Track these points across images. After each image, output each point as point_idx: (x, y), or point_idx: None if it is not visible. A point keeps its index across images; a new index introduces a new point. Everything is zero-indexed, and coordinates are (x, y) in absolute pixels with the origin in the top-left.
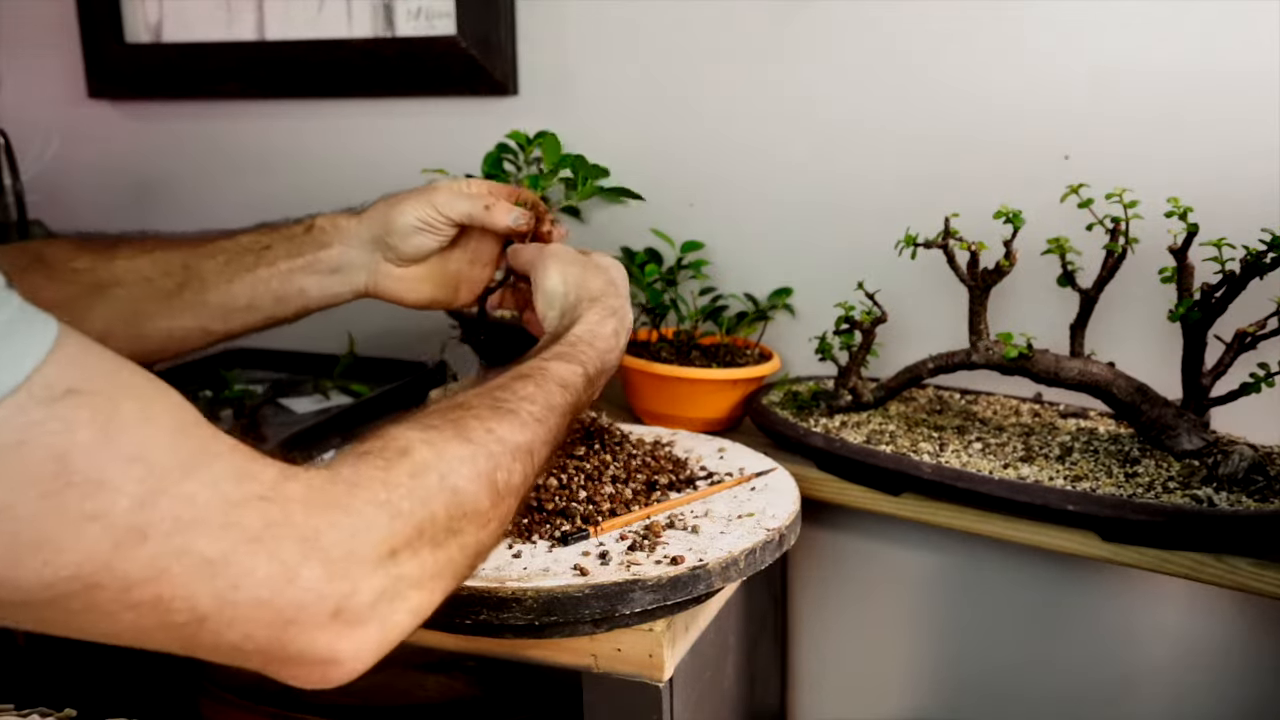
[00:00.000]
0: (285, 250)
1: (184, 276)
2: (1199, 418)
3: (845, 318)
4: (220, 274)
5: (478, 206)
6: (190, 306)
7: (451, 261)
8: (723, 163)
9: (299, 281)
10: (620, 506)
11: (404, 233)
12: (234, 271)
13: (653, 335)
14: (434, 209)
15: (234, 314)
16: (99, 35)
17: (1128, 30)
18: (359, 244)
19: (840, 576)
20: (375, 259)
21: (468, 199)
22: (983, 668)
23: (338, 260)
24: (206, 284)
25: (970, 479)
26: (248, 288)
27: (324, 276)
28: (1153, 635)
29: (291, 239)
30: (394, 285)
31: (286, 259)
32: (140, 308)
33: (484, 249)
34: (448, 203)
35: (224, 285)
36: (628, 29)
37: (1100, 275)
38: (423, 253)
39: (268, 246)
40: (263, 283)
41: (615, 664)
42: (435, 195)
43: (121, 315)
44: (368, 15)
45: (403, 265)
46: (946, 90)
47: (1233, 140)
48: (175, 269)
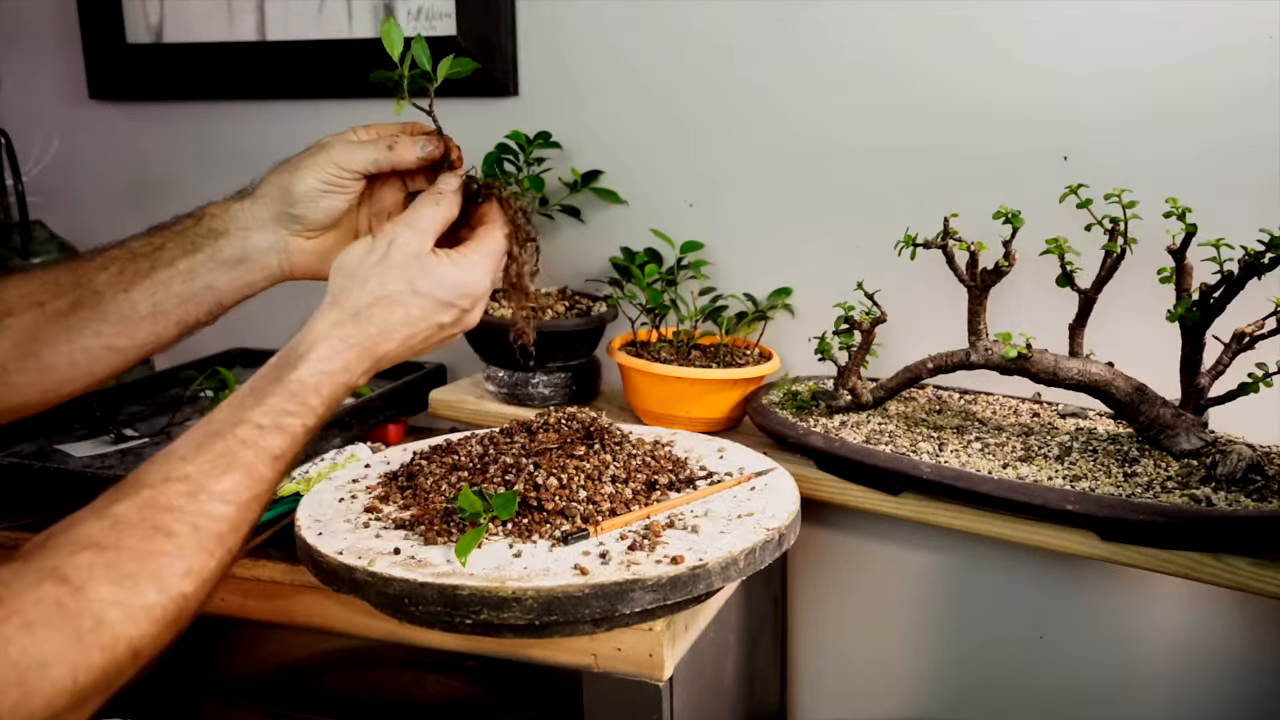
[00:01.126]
0: (179, 247)
1: (76, 294)
2: (1197, 418)
3: (845, 318)
4: (114, 284)
5: (381, 150)
6: (88, 324)
7: (360, 220)
8: (723, 163)
9: (203, 278)
10: (620, 506)
11: (309, 199)
12: (129, 279)
13: (653, 335)
14: (336, 166)
15: (139, 325)
16: (100, 36)
17: (1127, 30)
18: (259, 225)
19: (840, 576)
20: (282, 237)
21: (369, 146)
22: (982, 668)
23: (239, 248)
24: (102, 297)
25: (969, 479)
26: (147, 294)
27: (230, 268)
28: (1152, 635)
29: (183, 234)
30: (308, 260)
31: (184, 256)
32: (37, 334)
33: (388, 197)
34: (348, 156)
35: (120, 295)
36: (628, 29)
37: (1099, 275)
38: (333, 216)
39: (160, 247)
40: (162, 285)
41: (615, 663)
42: (332, 152)
43: (18, 346)
44: (368, 16)
45: (313, 236)
46: (946, 90)
47: (1232, 140)
48: (66, 287)
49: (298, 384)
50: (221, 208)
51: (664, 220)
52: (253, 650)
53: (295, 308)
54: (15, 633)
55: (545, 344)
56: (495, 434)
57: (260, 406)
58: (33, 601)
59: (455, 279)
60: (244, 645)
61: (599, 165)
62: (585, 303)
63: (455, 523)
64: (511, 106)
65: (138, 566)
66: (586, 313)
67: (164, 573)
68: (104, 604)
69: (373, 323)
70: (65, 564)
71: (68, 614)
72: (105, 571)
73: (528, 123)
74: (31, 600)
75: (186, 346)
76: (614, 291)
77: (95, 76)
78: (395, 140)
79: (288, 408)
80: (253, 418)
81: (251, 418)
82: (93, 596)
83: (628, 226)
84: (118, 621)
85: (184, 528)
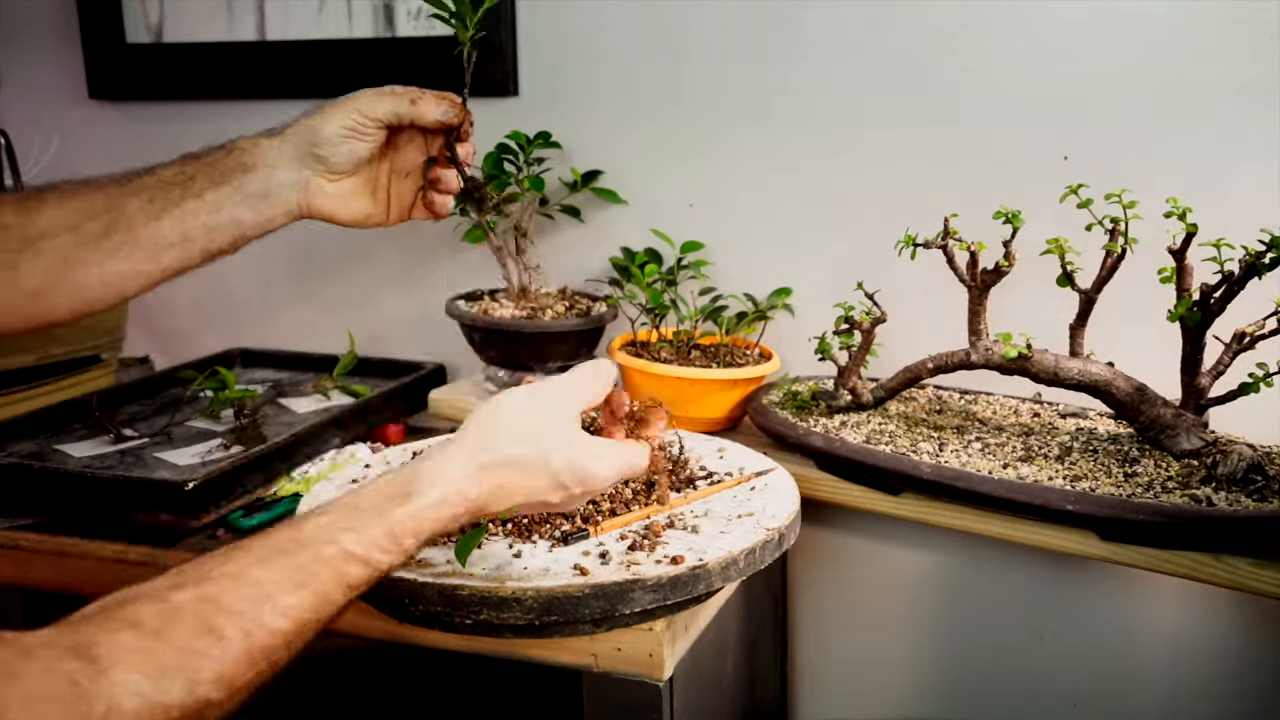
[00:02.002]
0: (208, 178)
1: (110, 219)
2: (1198, 418)
3: (845, 318)
4: (146, 211)
5: (403, 103)
6: (120, 248)
7: (381, 173)
8: (723, 162)
9: (229, 210)
10: (620, 506)
11: (333, 141)
12: (160, 208)
13: (653, 335)
14: (359, 113)
15: (167, 251)
16: (100, 36)
17: (1128, 30)
18: (285, 162)
19: (840, 576)
20: (305, 176)
21: (392, 97)
22: (982, 668)
23: (265, 183)
24: (134, 224)
25: (969, 479)
26: (176, 223)
27: (254, 202)
28: (1152, 635)
29: (213, 165)
30: (327, 202)
31: (212, 187)
32: (69, 256)
33: (409, 156)
34: (372, 105)
35: (151, 223)
36: (627, 29)
37: (1099, 275)
38: (353, 160)
39: (191, 178)
40: (191, 216)
41: (615, 663)
42: (358, 100)
43: (54, 268)
44: (368, 16)
45: (335, 179)
46: (946, 90)
47: (1232, 140)
48: (99, 211)
49: (399, 523)
50: (251, 142)
51: (664, 220)
52: None
53: (294, 308)
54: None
55: (545, 344)
56: None
57: (356, 534)
58: (48, 676)
59: (587, 469)
60: None
61: (599, 165)
62: (585, 303)
63: None
64: (511, 106)
65: (173, 661)
66: (586, 313)
67: (197, 675)
68: (124, 691)
69: (493, 481)
70: (101, 641)
71: (80, 695)
72: (139, 659)
73: (528, 123)
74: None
75: (186, 347)
76: (614, 291)
77: (95, 76)
78: (419, 97)
79: (383, 544)
80: (344, 541)
81: (343, 541)
82: (114, 680)
83: (628, 226)
84: (131, 712)
85: (236, 633)
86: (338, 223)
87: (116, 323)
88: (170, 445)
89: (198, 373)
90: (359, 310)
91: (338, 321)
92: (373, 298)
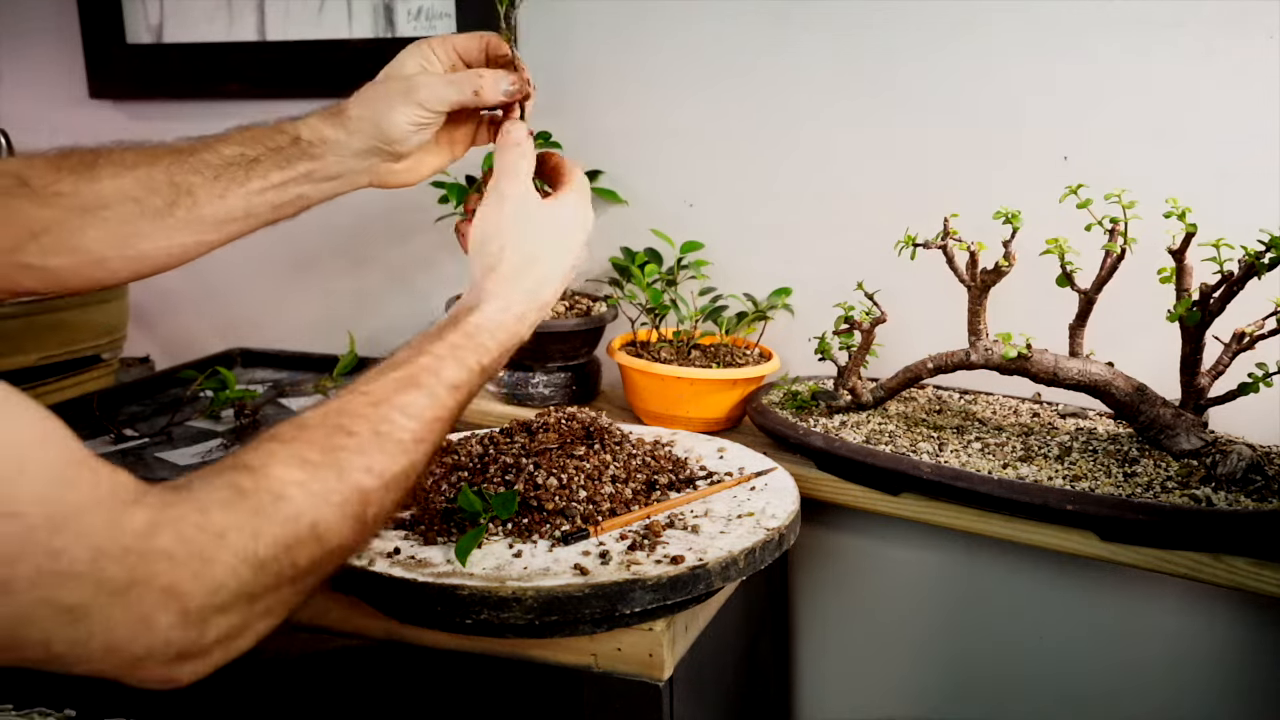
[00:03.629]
0: (275, 163)
1: (173, 194)
2: (1197, 418)
3: (845, 318)
4: (211, 189)
5: (466, 93)
6: (186, 224)
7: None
8: (723, 163)
9: (295, 189)
10: (620, 506)
11: (399, 138)
12: (225, 186)
13: (653, 335)
14: (422, 108)
15: (230, 224)
16: (100, 35)
17: (1128, 31)
18: (353, 154)
19: (840, 576)
20: (374, 163)
21: (453, 87)
22: (982, 668)
23: (334, 170)
24: (198, 201)
25: (969, 479)
26: (242, 200)
27: (322, 183)
28: (1152, 635)
29: (279, 152)
30: (397, 175)
31: (278, 170)
32: (133, 229)
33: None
34: (434, 97)
35: (217, 201)
36: (627, 29)
37: (1099, 275)
38: (420, 144)
39: (256, 159)
40: (257, 194)
41: (615, 664)
42: (417, 93)
43: (115, 238)
44: (368, 16)
45: (402, 158)
46: (946, 90)
47: (1232, 140)
48: (162, 186)
49: (474, 326)
50: (315, 132)
51: (664, 220)
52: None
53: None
54: (191, 512)
55: (545, 344)
56: (495, 434)
57: (438, 342)
58: (211, 489)
59: (572, 216)
60: None
61: (599, 165)
62: (585, 303)
63: (455, 523)
64: None
65: (320, 457)
66: (586, 313)
67: (344, 464)
68: (283, 483)
69: (534, 273)
70: (249, 455)
71: (245, 493)
72: (286, 456)
73: None
74: (211, 488)
75: (187, 347)
76: (614, 291)
77: (95, 76)
78: (480, 86)
79: (463, 344)
80: (431, 349)
81: (430, 349)
82: (272, 475)
83: (628, 226)
84: (297, 498)
85: (365, 429)
86: (410, 185)
87: (117, 323)
88: (170, 445)
89: (198, 373)
90: (359, 310)
91: (338, 321)
92: (373, 298)
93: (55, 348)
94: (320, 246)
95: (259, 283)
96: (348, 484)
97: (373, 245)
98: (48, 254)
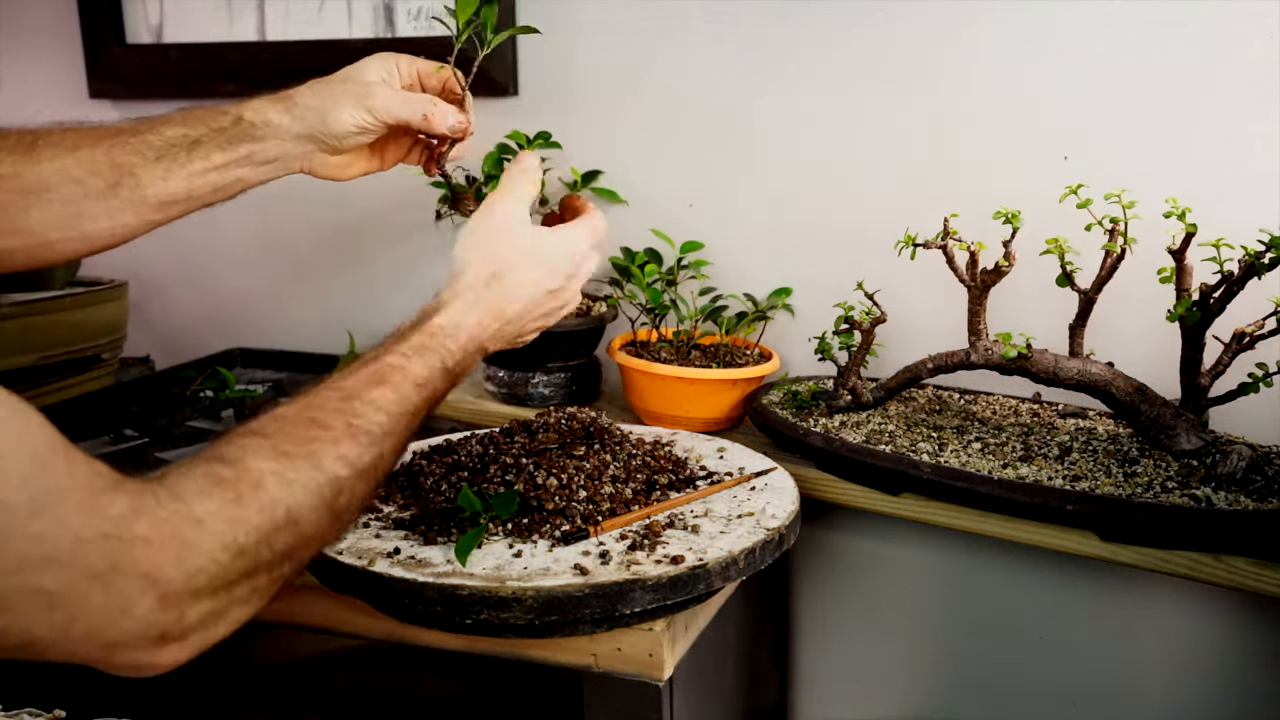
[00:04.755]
0: (216, 144)
1: (115, 176)
2: (1197, 417)
3: (845, 318)
4: (153, 170)
5: (416, 115)
6: (129, 205)
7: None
8: (723, 163)
9: (235, 173)
10: (620, 506)
11: (340, 134)
12: (167, 167)
13: (653, 335)
14: (370, 114)
15: (173, 206)
16: (100, 35)
17: (1128, 31)
18: (292, 138)
19: (840, 576)
20: (309, 149)
21: (407, 104)
22: (982, 668)
23: (273, 153)
24: (141, 182)
25: (969, 479)
26: (183, 182)
27: (260, 165)
28: (1152, 635)
29: (221, 133)
30: (327, 168)
31: (219, 152)
32: (76, 210)
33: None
34: (385, 107)
35: (159, 182)
36: (627, 30)
37: (1099, 275)
38: (356, 147)
39: (197, 141)
40: (199, 176)
41: (615, 664)
42: (372, 99)
43: (59, 220)
44: (368, 16)
45: (336, 154)
46: (946, 91)
47: (1232, 140)
48: (103, 168)
49: (436, 327)
50: (259, 114)
51: (664, 220)
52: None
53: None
54: (169, 500)
55: (545, 344)
56: (495, 434)
57: (402, 344)
58: (189, 479)
59: (563, 247)
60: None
61: (599, 165)
62: (585, 303)
63: (455, 523)
64: (511, 106)
65: (294, 448)
66: (586, 313)
67: (318, 455)
68: (261, 472)
69: (500, 285)
70: (225, 448)
71: (224, 482)
72: (262, 447)
73: (528, 123)
74: (188, 479)
75: (187, 347)
76: (614, 291)
77: (95, 76)
78: (431, 112)
79: (427, 344)
80: (397, 349)
81: (396, 348)
82: (249, 466)
83: (628, 226)
84: (274, 487)
85: (338, 422)
86: (337, 180)
87: (117, 323)
88: (171, 445)
89: (198, 373)
90: (359, 310)
91: (338, 321)
92: (373, 298)
93: (55, 348)
94: (320, 246)
95: (259, 283)
96: (322, 473)
97: (373, 245)
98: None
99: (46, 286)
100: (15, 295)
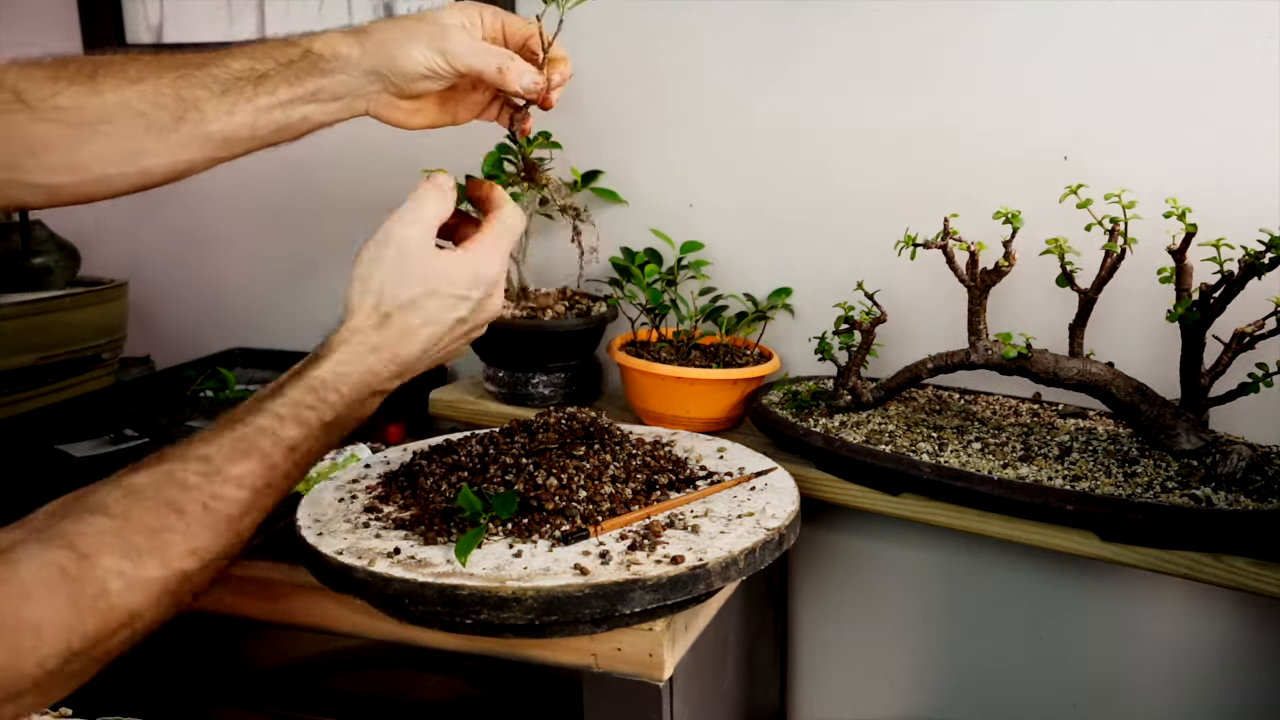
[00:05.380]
0: (284, 79)
1: (179, 109)
2: (1197, 417)
3: (845, 318)
4: (218, 105)
5: (490, 69)
6: (193, 140)
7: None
8: (723, 163)
9: (301, 110)
10: (620, 506)
11: (409, 77)
12: (233, 102)
13: (653, 335)
14: (444, 59)
15: (236, 143)
16: (100, 35)
17: (1128, 31)
18: (359, 75)
19: (840, 576)
20: (375, 89)
21: (481, 57)
22: (982, 667)
23: (340, 89)
24: (205, 117)
25: (969, 479)
26: (249, 118)
27: (326, 104)
28: (1152, 635)
29: (289, 66)
30: (393, 113)
31: (287, 87)
32: (137, 145)
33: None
34: (460, 55)
35: (224, 117)
36: (628, 30)
37: (1099, 275)
38: (425, 93)
39: (264, 75)
40: (264, 113)
41: (615, 664)
42: (447, 41)
43: (118, 154)
44: (368, 14)
45: (403, 98)
46: (946, 91)
47: (1232, 140)
48: (168, 100)
49: (318, 380)
50: (329, 47)
51: (664, 220)
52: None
53: (294, 308)
54: (13, 598)
55: (545, 344)
56: (495, 434)
57: (279, 399)
58: (37, 568)
59: (467, 271)
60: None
61: (599, 165)
62: (585, 303)
63: (455, 523)
64: None
65: (144, 541)
66: (586, 313)
67: (169, 549)
68: (108, 573)
69: (392, 327)
70: (75, 531)
71: (70, 580)
72: (113, 541)
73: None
74: (36, 567)
75: (187, 347)
76: (614, 291)
77: None
78: (507, 66)
79: (305, 400)
80: (272, 408)
81: (270, 408)
82: (98, 564)
83: (627, 226)
84: (118, 591)
85: (195, 507)
86: (403, 127)
87: (117, 323)
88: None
89: (198, 372)
90: None
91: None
92: None
93: (55, 348)
94: (320, 246)
95: (259, 283)
96: (170, 570)
97: None
98: (48, 172)
99: (46, 286)
100: (15, 295)
